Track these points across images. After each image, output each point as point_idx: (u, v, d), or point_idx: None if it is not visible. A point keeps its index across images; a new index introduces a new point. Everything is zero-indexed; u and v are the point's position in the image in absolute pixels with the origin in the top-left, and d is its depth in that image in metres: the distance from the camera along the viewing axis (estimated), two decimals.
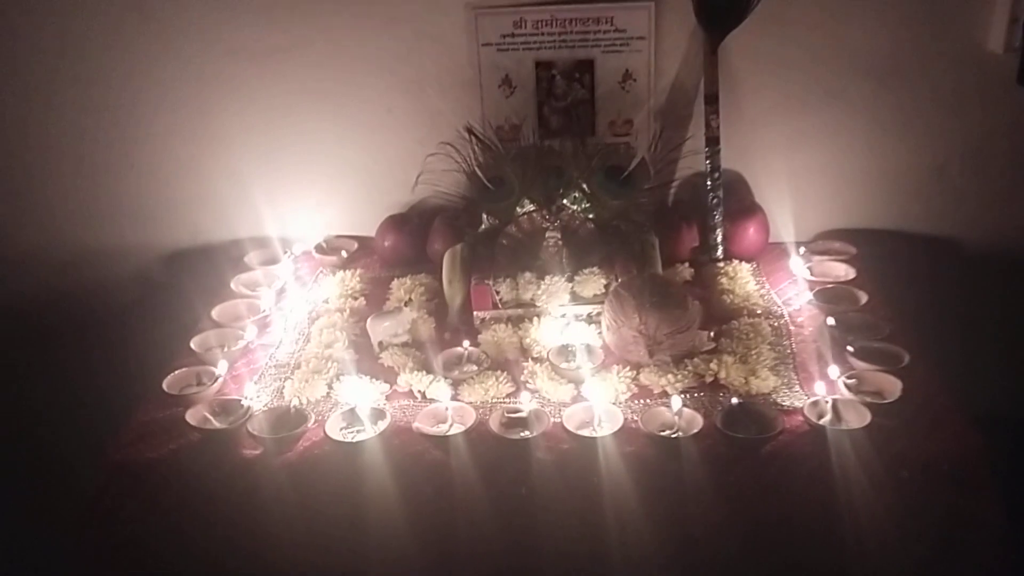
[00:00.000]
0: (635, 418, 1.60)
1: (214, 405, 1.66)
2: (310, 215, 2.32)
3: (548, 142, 2.12)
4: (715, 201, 2.13)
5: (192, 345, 1.85)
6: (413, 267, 2.20)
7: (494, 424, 1.57)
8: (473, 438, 1.55)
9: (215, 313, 1.97)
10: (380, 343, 1.85)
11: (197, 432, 1.59)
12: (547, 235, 1.96)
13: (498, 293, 1.92)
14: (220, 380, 1.73)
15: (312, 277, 2.21)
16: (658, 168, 2.08)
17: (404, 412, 1.67)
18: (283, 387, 1.74)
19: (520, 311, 1.92)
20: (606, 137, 2.18)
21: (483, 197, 2.05)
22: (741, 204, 2.18)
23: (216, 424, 1.61)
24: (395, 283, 2.11)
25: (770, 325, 1.87)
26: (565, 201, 2.01)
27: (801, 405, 1.61)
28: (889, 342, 1.75)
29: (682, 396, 1.63)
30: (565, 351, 1.80)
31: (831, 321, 1.82)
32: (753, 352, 1.75)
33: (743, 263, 2.12)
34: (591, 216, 2.02)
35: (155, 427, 1.64)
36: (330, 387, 1.73)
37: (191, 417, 1.61)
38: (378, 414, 1.61)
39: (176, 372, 1.75)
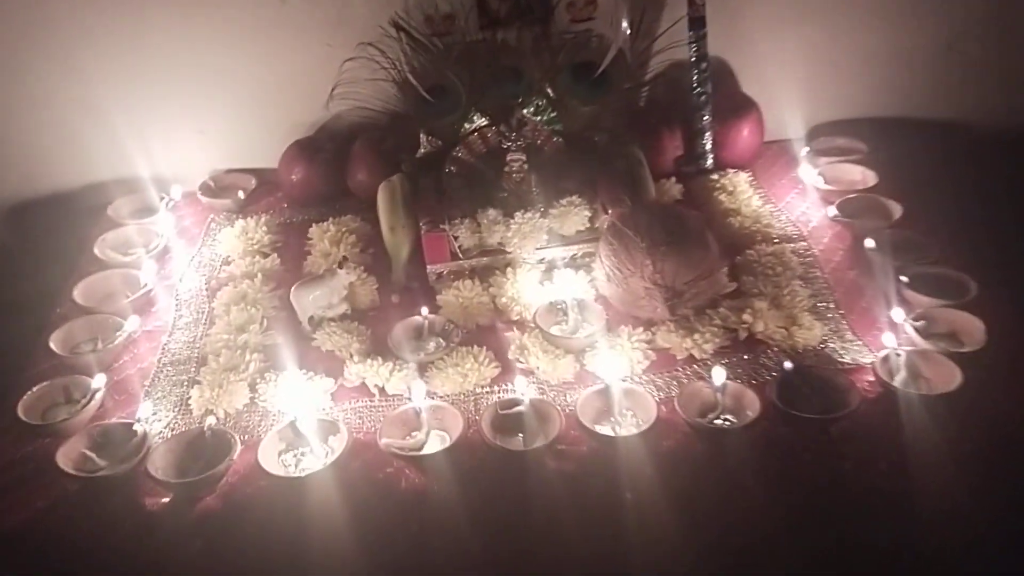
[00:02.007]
0: (659, 397, 1.24)
1: (94, 435, 1.20)
2: (189, 146, 1.81)
3: (498, 35, 1.65)
4: (702, 98, 1.73)
5: (51, 344, 1.37)
6: (332, 206, 1.74)
7: (486, 427, 1.17)
8: (461, 451, 1.16)
9: (78, 293, 1.48)
10: (311, 319, 1.41)
11: (75, 480, 1.14)
12: (508, 158, 1.53)
13: (456, 239, 1.49)
14: (99, 395, 1.26)
15: (201, 229, 1.72)
16: (636, 62, 1.65)
17: (361, 418, 1.25)
18: (187, 396, 1.29)
19: (486, 260, 1.50)
20: (563, 24, 1.72)
21: (420, 112, 1.59)
22: (731, 100, 1.79)
23: (100, 465, 1.16)
24: (314, 230, 1.64)
25: (794, 253, 1.51)
26: (525, 112, 1.57)
27: (865, 360, 1.28)
28: (943, 266, 1.42)
29: (721, 364, 1.26)
30: (554, 310, 1.40)
31: (870, 243, 1.48)
32: (785, 292, 1.40)
33: (739, 172, 1.75)
34: (557, 128, 1.59)
35: (12, 477, 1.17)
36: (254, 391, 1.29)
37: (64, 458, 1.15)
38: (328, 427, 1.19)
39: (34, 389, 1.27)
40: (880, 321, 1.35)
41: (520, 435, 1.19)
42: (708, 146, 1.76)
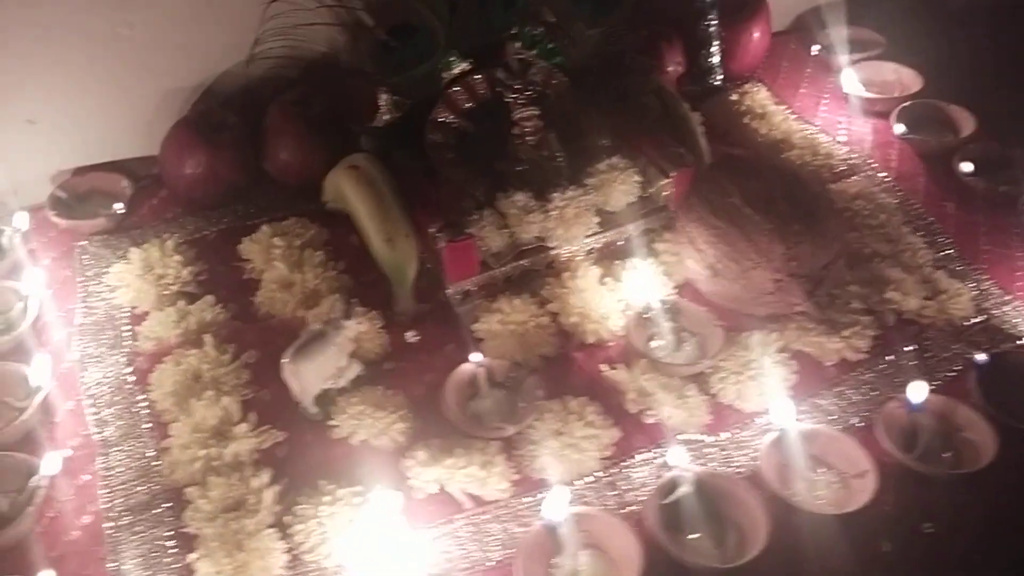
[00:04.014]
0: (838, 430, 0.94)
1: None
2: (16, 143, 1.23)
3: None
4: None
5: None
6: (247, 201, 1.27)
7: (658, 532, 0.83)
8: None
9: None
10: (317, 397, 0.97)
11: None
12: (518, 115, 1.11)
13: (481, 240, 1.08)
14: None
15: (71, 268, 1.18)
16: None
17: (464, 548, 0.86)
18: (184, 565, 0.84)
19: (524, 263, 1.10)
20: None
21: (381, 63, 1.13)
22: None
23: None
24: (247, 246, 1.16)
25: (881, 190, 1.23)
26: (518, 46, 1.15)
27: None
28: None
29: (884, 366, 0.98)
30: (642, 323, 1.05)
31: (967, 167, 1.23)
32: (902, 247, 1.13)
33: (757, 86, 1.43)
34: (558, 63, 1.18)
35: None
36: (286, 537, 0.85)
37: None
38: None
39: None
40: (1021, 268, 1.12)
41: (695, 534, 0.85)
42: (716, 59, 1.42)
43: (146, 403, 0.99)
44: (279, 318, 1.09)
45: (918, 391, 0.91)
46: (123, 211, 1.23)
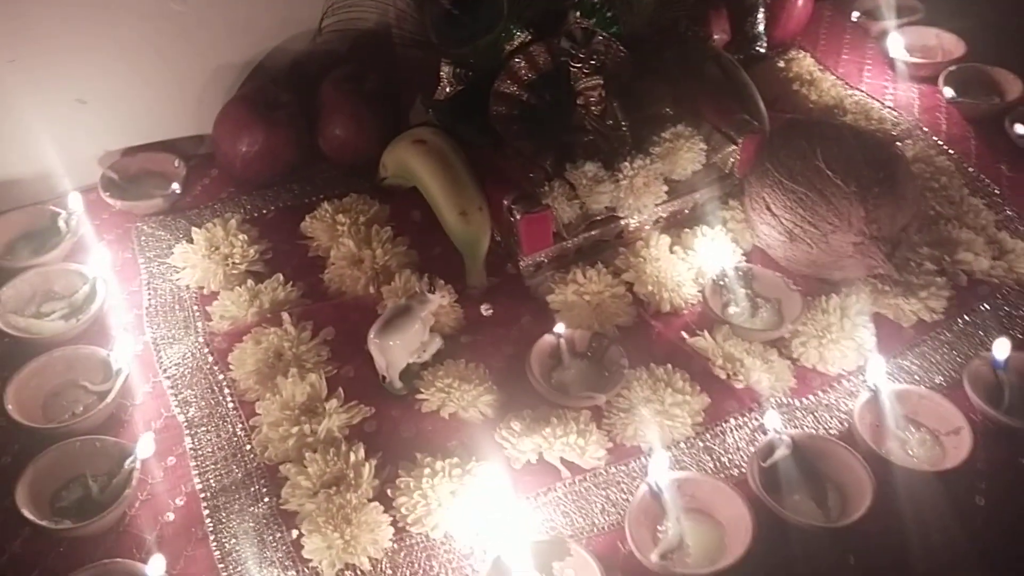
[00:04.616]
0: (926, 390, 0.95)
1: None
2: (67, 123, 1.20)
3: None
4: None
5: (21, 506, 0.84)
6: (303, 179, 1.26)
7: (763, 495, 0.83)
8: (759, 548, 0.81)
9: (9, 400, 0.93)
10: (402, 371, 0.97)
11: None
12: (581, 85, 1.10)
13: (553, 212, 1.07)
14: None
15: (131, 250, 1.17)
16: None
17: (569, 517, 0.86)
18: (289, 541, 0.84)
19: (596, 234, 1.10)
20: None
21: (444, 35, 1.11)
22: None
23: None
24: (309, 224, 1.16)
25: (938, 152, 1.24)
26: (579, 15, 1.15)
27: None
28: None
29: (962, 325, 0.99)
30: (718, 291, 1.05)
31: (1020, 128, 1.24)
32: (965, 208, 1.14)
33: (802, 53, 1.43)
34: (616, 32, 1.18)
35: None
36: (390, 510, 0.85)
37: None
38: (548, 551, 0.80)
39: None
40: None
41: (795, 496, 0.86)
42: (761, 26, 1.41)
43: (227, 382, 0.98)
44: (351, 295, 1.08)
45: (1002, 347, 0.92)
46: (179, 192, 1.21)
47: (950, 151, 1.25)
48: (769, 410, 0.89)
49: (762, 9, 1.40)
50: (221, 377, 0.99)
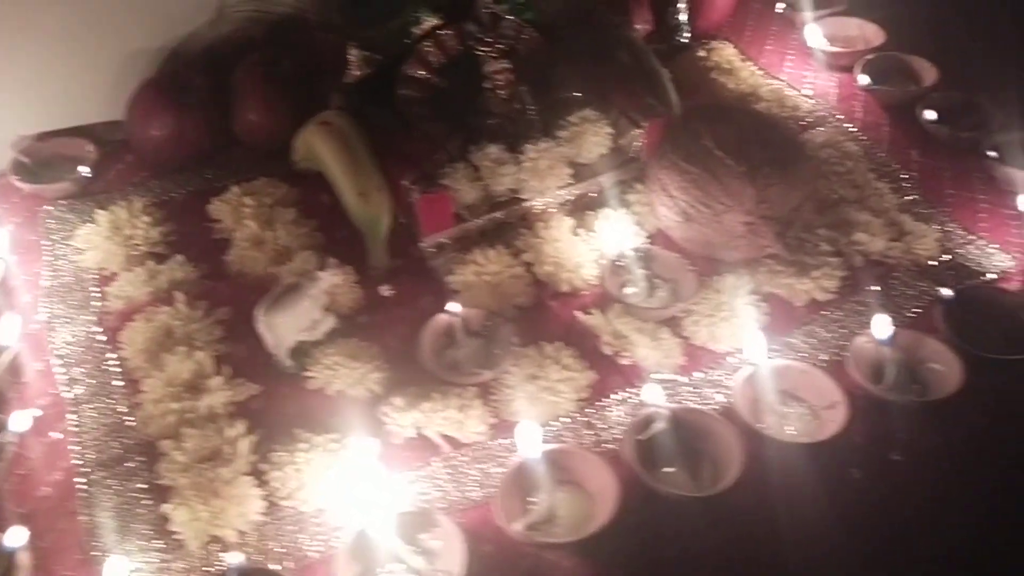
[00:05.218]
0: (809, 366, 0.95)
1: None
2: None
3: None
4: None
5: None
6: (217, 163, 1.26)
7: (635, 465, 0.84)
8: (622, 515, 0.81)
9: None
10: (292, 349, 0.97)
11: None
12: (490, 68, 1.11)
13: (455, 193, 1.07)
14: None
15: (36, 232, 1.16)
16: None
17: (443, 490, 0.86)
18: (160, 516, 0.83)
19: (499, 216, 1.10)
20: None
21: (350, 18, 1.12)
22: None
23: None
24: (217, 206, 1.16)
25: (846, 138, 1.25)
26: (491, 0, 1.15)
27: (1005, 264, 1.06)
28: (1019, 127, 1.22)
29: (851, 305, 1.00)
30: (617, 271, 1.06)
31: (931, 114, 1.25)
32: (868, 192, 1.15)
33: (724, 43, 1.44)
34: (529, 18, 1.18)
35: None
36: (263, 485, 0.85)
37: None
38: (417, 521, 0.80)
39: None
40: (983, 209, 1.14)
41: (671, 468, 0.86)
42: (684, 16, 1.42)
43: (117, 361, 0.98)
44: (251, 275, 1.08)
45: (883, 325, 0.92)
46: (88, 175, 1.21)
47: (862, 137, 1.26)
48: (649, 384, 0.89)
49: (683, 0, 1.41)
50: (111, 356, 0.99)
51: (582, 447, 0.88)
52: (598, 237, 1.10)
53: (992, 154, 1.18)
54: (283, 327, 0.95)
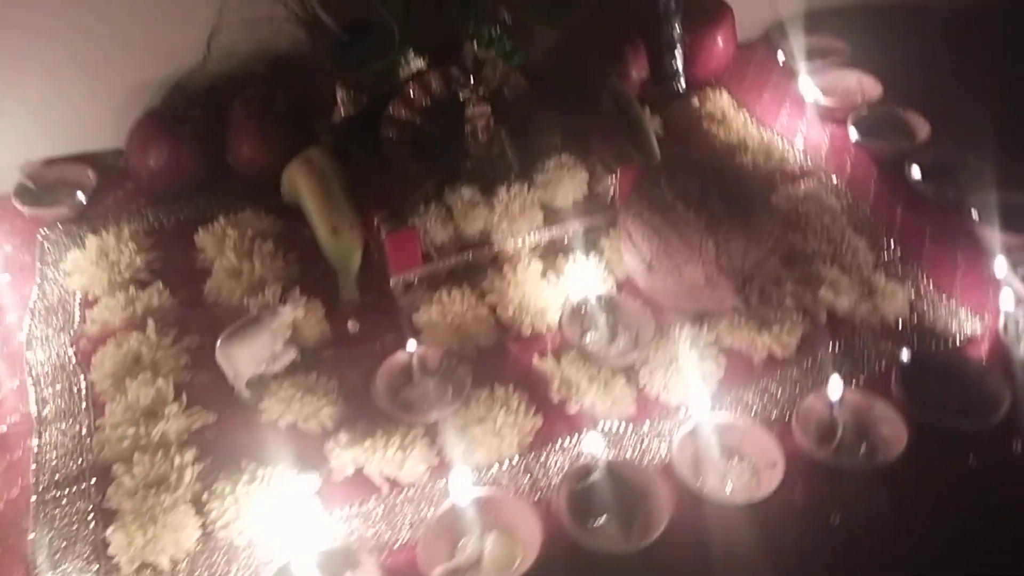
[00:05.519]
0: (758, 422, 0.95)
1: None
2: None
3: None
4: (672, 5, 1.39)
5: None
6: (210, 193, 1.30)
7: (566, 517, 0.84)
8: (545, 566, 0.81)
9: None
10: (251, 381, 0.99)
11: None
12: (470, 112, 1.13)
13: (426, 233, 1.10)
14: None
15: (32, 255, 1.21)
16: None
17: (376, 530, 0.88)
18: (103, 540, 0.86)
19: (466, 257, 1.12)
20: None
21: (337, 59, 1.15)
22: (699, 3, 1.46)
23: None
24: (202, 236, 1.19)
25: (829, 192, 1.24)
26: (476, 45, 1.17)
27: (972, 329, 1.05)
28: (1004, 188, 1.20)
29: (821, 371, 0.99)
30: (578, 316, 1.06)
31: (916, 171, 1.23)
32: (844, 248, 1.14)
33: (719, 92, 1.44)
34: (517, 64, 1.21)
35: None
36: (202, 513, 0.87)
37: None
38: (340, 560, 0.81)
39: None
40: (961, 270, 1.12)
41: (603, 516, 0.86)
42: (680, 64, 1.43)
43: (86, 384, 1.02)
44: (226, 305, 1.11)
45: (835, 387, 0.92)
46: (85, 200, 1.26)
47: (848, 192, 1.25)
48: (591, 434, 0.90)
49: (679, 48, 1.42)
50: (81, 378, 1.02)
51: (518, 493, 0.89)
52: (566, 282, 1.11)
53: (975, 214, 1.16)
54: (241, 358, 0.97)
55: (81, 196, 1.26)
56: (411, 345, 1.01)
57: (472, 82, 1.13)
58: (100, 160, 1.33)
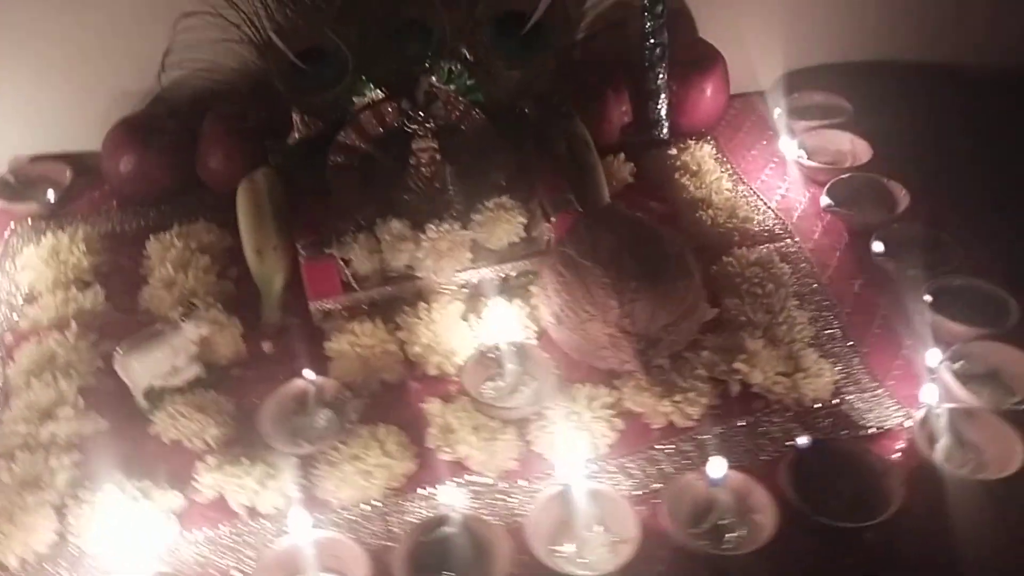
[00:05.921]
0: (635, 493, 0.92)
1: None
2: None
3: None
4: (657, 51, 1.36)
5: None
6: (178, 203, 1.33)
7: (402, 568, 0.82)
8: None
9: None
10: (149, 391, 1.01)
11: None
12: (415, 146, 1.13)
13: (348, 264, 1.10)
14: None
15: (4, 250, 1.27)
16: (576, 9, 1.27)
17: (223, 558, 0.87)
18: None
19: (390, 290, 1.11)
20: None
21: (290, 84, 1.16)
22: (690, 51, 1.42)
23: None
24: (152, 245, 1.22)
25: (782, 258, 1.18)
26: (435, 79, 1.17)
27: (893, 422, 0.98)
28: (973, 273, 1.12)
29: (713, 436, 0.94)
30: (486, 361, 1.04)
31: (878, 247, 1.17)
32: (781, 320, 1.08)
33: (702, 143, 1.40)
34: (476, 100, 1.20)
35: None
36: (63, 520, 0.89)
37: None
38: None
39: None
40: (902, 356, 1.05)
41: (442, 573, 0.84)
42: (663, 111, 1.40)
43: (3, 378, 1.05)
44: (156, 315, 1.14)
45: (717, 466, 0.87)
46: (53, 199, 1.31)
47: (809, 259, 1.19)
48: (448, 484, 0.88)
49: (664, 95, 1.39)
50: (1, 372, 1.06)
51: (374, 536, 0.88)
52: (485, 325, 1.09)
53: (927, 298, 1.09)
54: (137, 370, 0.99)
55: (51, 194, 1.31)
56: (308, 374, 1.01)
57: (421, 116, 1.13)
58: (83, 161, 1.38)
